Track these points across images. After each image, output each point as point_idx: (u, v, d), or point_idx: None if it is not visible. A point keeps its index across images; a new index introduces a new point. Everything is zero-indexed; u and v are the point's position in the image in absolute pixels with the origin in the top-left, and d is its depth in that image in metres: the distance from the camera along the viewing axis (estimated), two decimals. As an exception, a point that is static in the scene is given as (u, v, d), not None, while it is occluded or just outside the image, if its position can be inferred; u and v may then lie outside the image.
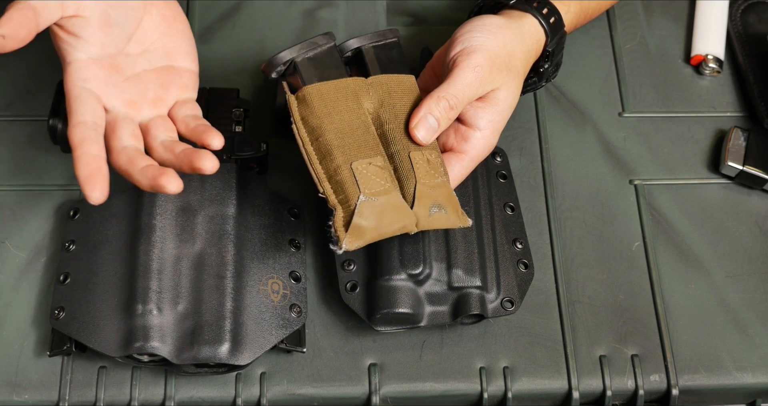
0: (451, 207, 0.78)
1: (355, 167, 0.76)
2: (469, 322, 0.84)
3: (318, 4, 1.02)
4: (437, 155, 0.80)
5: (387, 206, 0.75)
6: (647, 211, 0.92)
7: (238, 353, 0.79)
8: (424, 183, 0.77)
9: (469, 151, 0.82)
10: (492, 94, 0.82)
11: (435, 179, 0.78)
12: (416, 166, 0.78)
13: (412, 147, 0.79)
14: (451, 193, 0.79)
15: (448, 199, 0.78)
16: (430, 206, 0.77)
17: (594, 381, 0.84)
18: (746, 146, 0.93)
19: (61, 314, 0.81)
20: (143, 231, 0.82)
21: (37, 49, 0.98)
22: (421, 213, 0.77)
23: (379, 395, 0.83)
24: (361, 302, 0.82)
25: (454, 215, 0.78)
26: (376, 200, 0.75)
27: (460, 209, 0.79)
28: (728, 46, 1.01)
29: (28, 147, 0.92)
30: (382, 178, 0.76)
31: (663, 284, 0.88)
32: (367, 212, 0.75)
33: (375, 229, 0.75)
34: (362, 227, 0.75)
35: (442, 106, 0.79)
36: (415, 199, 0.77)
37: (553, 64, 0.88)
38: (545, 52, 0.85)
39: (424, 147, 0.79)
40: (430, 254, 0.82)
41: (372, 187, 0.76)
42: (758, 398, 0.86)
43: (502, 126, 0.83)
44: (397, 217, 0.76)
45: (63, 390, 0.81)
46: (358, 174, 0.76)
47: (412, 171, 0.77)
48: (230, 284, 0.81)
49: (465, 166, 0.82)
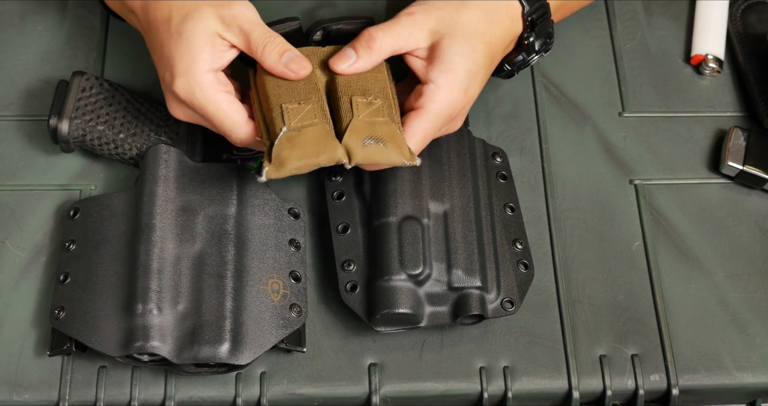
0: (393, 144, 0.78)
1: (285, 107, 0.78)
2: (469, 322, 0.84)
3: (318, 4, 1.02)
4: (388, 106, 0.80)
5: (310, 136, 0.77)
6: (647, 211, 0.92)
7: (238, 353, 0.79)
8: (362, 119, 0.78)
9: (425, 104, 0.81)
10: (437, 48, 0.81)
11: (376, 118, 0.78)
12: (356, 106, 0.79)
13: (357, 92, 0.80)
14: (395, 132, 0.78)
15: (390, 136, 0.78)
16: (365, 137, 0.77)
17: (594, 381, 0.84)
18: (746, 146, 0.93)
19: (61, 313, 0.81)
20: (143, 231, 0.82)
21: (37, 49, 0.98)
22: (353, 144, 0.77)
23: (379, 394, 0.83)
24: (361, 303, 0.82)
25: (396, 150, 0.78)
26: (299, 132, 0.77)
27: (407, 148, 0.78)
28: (728, 46, 1.01)
29: (28, 147, 0.92)
30: (310, 114, 0.78)
31: (663, 284, 0.88)
32: (288, 142, 0.76)
33: (297, 158, 0.76)
34: (282, 156, 0.76)
35: (361, 37, 0.81)
36: (347, 131, 0.78)
37: (542, 35, 0.86)
38: (526, 22, 0.84)
39: (371, 95, 0.80)
40: (430, 255, 0.82)
41: (299, 121, 0.77)
42: (758, 398, 0.86)
43: (461, 80, 0.81)
44: (321, 146, 0.76)
45: (63, 390, 0.81)
46: (287, 112, 0.78)
47: (350, 110, 0.79)
48: (230, 283, 0.81)
49: (425, 120, 0.81)
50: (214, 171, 0.86)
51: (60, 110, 0.87)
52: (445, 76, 0.81)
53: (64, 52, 0.97)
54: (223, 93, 0.80)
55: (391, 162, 0.78)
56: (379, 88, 0.81)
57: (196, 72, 0.79)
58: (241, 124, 0.80)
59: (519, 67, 0.88)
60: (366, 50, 0.81)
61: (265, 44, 0.80)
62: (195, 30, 0.79)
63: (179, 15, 0.80)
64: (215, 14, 0.79)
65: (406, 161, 0.78)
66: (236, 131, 0.80)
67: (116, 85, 0.90)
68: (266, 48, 0.80)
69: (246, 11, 0.80)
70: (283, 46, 0.80)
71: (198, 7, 0.80)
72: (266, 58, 0.80)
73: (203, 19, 0.79)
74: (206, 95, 0.79)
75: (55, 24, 0.99)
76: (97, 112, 0.87)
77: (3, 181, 0.90)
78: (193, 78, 0.79)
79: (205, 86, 0.79)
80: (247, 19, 0.80)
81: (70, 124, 0.87)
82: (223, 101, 0.79)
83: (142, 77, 0.95)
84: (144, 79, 0.95)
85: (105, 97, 0.88)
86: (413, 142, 0.80)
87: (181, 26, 0.79)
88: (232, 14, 0.79)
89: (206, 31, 0.79)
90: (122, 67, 0.96)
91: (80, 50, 0.97)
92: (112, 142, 0.87)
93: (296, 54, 0.80)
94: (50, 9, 1.00)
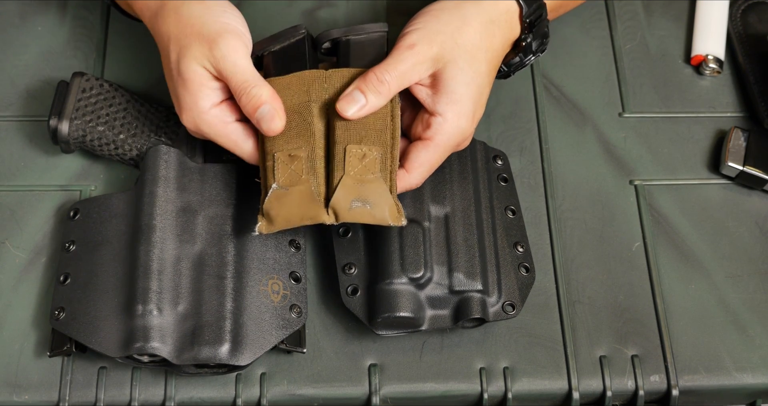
0: (380, 206, 0.78)
1: (277, 157, 0.79)
2: (470, 326, 0.84)
3: (318, 4, 1.02)
4: (382, 152, 0.80)
5: (296, 197, 0.78)
6: (647, 211, 0.92)
7: (238, 354, 0.79)
8: (352, 176, 0.78)
9: (434, 137, 0.81)
10: (441, 77, 0.81)
11: (367, 175, 0.78)
12: (348, 159, 0.79)
13: (353, 140, 0.79)
14: (384, 192, 0.79)
15: (378, 196, 0.78)
16: (353, 199, 0.78)
17: (594, 382, 0.84)
18: (746, 147, 0.93)
19: (61, 314, 0.81)
20: (143, 231, 0.82)
21: (37, 49, 0.98)
22: (339, 206, 0.78)
23: (380, 395, 0.83)
24: (362, 306, 0.82)
25: (382, 213, 0.78)
26: (286, 190, 0.78)
27: (395, 209, 0.79)
28: (728, 47, 1.01)
29: (28, 147, 0.92)
30: (299, 169, 0.78)
31: (663, 285, 0.88)
32: (277, 200, 0.78)
33: (284, 220, 0.78)
34: (271, 214, 0.78)
35: (368, 80, 0.80)
36: (336, 190, 0.78)
37: (538, 36, 0.86)
38: (524, 24, 0.84)
39: (368, 142, 0.79)
40: (432, 258, 0.82)
41: (287, 178, 0.78)
42: (758, 399, 0.86)
43: (467, 109, 0.81)
44: (305, 208, 0.78)
45: (63, 391, 0.81)
46: (278, 163, 0.79)
47: (342, 163, 0.79)
48: (230, 284, 0.81)
49: (432, 152, 0.81)
50: (215, 172, 0.86)
51: (60, 111, 0.87)
52: (452, 107, 0.81)
53: (64, 52, 0.97)
54: (232, 124, 0.81)
55: (376, 222, 0.79)
56: (377, 130, 0.80)
57: (200, 111, 0.80)
58: (253, 152, 0.82)
59: (516, 68, 0.88)
60: (375, 94, 0.80)
61: (242, 95, 0.79)
62: (188, 71, 0.79)
63: (175, 50, 0.80)
64: (204, 55, 0.79)
65: (391, 223, 0.78)
66: (249, 158, 0.82)
67: (116, 85, 0.90)
68: (242, 99, 0.79)
69: (231, 53, 0.79)
70: (258, 100, 0.79)
71: (190, 44, 0.79)
72: (243, 108, 0.80)
73: (194, 59, 0.79)
74: (215, 131, 0.81)
75: (55, 24, 0.99)
76: (97, 112, 0.87)
77: (3, 181, 0.90)
78: (199, 116, 0.80)
79: (211, 123, 0.80)
80: (230, 62, 0.79)
81: (70, 124, 0.87)
82: (232, 133, 0.81)
83: (142, 77, 0.95)
84: (144, 79, 0.95)
85: (105, 98, 0.88)
86: (419, 172, 0.81)
87: (179, 65, 0.80)
88: (218, 56, 0.79)
89: (198, 73, 0.79)
90: (122, 68, 0.96)
91: (80, 50, 0.97)
92: (112, 143, 0.87)
93: (269, 110, 0.79)
94: (50, 9, 1.00)
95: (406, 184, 0.81)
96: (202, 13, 0.80)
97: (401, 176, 0.81)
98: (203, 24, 0.80)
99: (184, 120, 0.81)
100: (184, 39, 0.80)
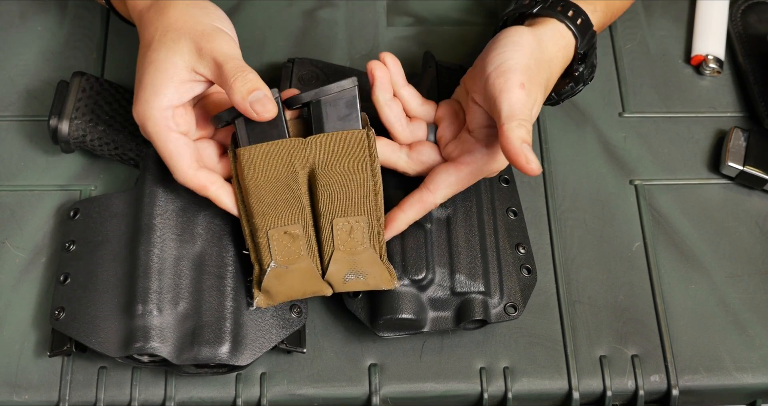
0: (372, 274, 0.79)
1: (271, 235, 0.79)
2: (471, 327, 0.84)
3: (318, 4, 1.02)
4: (368, 221, 0.79)
5: (297, 274, 0.79)
6: (647, 211, 0.92)
7: (239, 354, 0.79)
8: (342, 251, 0.79)
9: (471, 164, 0.81)
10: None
11: (356, 247, 0.79)
12: (336, 233, 0.79)
13: (338, 213, 0.79)
14: (375, 261, 0.79)
15: (369, 266, 0.79)
16: (346, 273, 0.79)
17: (594, 381, 0.84)
18: (746, 147, 0.93)
19: (61, 314, 0.81)
20: (143, 231, 0.82)
21: (37, 49, 0.98)
22: (334, 279, 0.79)
23: (380, 395, 0.83)
24: (364, 308, 0.82)
25: (374, 280, 0.79)
26: (286, 268, 0.78)
27: (387, 274, 0.80)
28: (728, 47, 1.01)
29: (28, 147, 0.92)
30: (296, 247, 0.79)
31: (663, 285, 0.88)
32: (276, 278, 0.79)
33: (284, 293, 0.79)
34: (271, 291, 0.79)
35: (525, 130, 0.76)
36: (329, 266, 0.79)
37: (588, 66, 0.86)
38: (577, 55, 0.84)
39: (351, 213, 0.79)
40: (433, 260, 0.82)
41: (285, 254, 0.79)
42: (758, 399, 0.86)
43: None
44: (307, 284, 0.79)
45: (63, 390, 0.81)
46: (273, 241, 0.79)
47: (331, 238, 0.79)
48: (230, 284, 0.81)
49: (462, 177, 0.81)
50: (215, 172, 0.86)
51: (60, 111, 0.87)
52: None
53: (64, 52, 0.97)
54: (174, 133, 0.79)
55: (371, 289, 0.80)
56: (360, 198, 0.79)
57: (154, 106, 0.78)
58: (183, 169, 0.79)
59: (566, 96, 0.87)
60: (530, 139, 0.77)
61: (236, 78, 0.77)
62: (166, 62, 0.78)
63: (160, 40, 0.79)
64: (193, 46, 0.78)
65: (384, 287, 0.80)
66: (177, 173, 0.80)
67: (116, 85, 0.90)
68: (236, 82, 0.77)
69: (225, 46, 0.78)
70: (253, 84, 0.77)
71: (179, 37, 0.79)
72: (234, 92, 0.77)
73: (179, 51, 0.78)
74: (156, 131, 0.78)
75: (55, 24, 0.99)
76: (97, 112, 0.87)
77: (3, 181, 0.90)
78: (150, 110, 0.78)
79: (158, 122, 0.78)
80: (223, 53, 0.78)
81: (70, 124, 0.87)
82: (171, 141, 0.79)
83: (142, 77, 0.95)
84: (144, 79, 0.95)
85: (105, 98, 0.88)
86: (443, 194, 0.81)
87: (156, 54, 0.79)
88: (211, 47, 0.78)
89: (176, 65, 0.78)
90: (122, 67, 0.96)
91: (80, 50, 0.97)
92: (112, 143, 0.87)
93: (265, 95, 0.77)
94: (50, 9, 1.00)
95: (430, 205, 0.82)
96: (199, 12, 0.80)
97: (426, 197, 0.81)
98: (198, 21, 0.79)
99: (134, 112, 0.79)
100: (174, 32, 0.79)
